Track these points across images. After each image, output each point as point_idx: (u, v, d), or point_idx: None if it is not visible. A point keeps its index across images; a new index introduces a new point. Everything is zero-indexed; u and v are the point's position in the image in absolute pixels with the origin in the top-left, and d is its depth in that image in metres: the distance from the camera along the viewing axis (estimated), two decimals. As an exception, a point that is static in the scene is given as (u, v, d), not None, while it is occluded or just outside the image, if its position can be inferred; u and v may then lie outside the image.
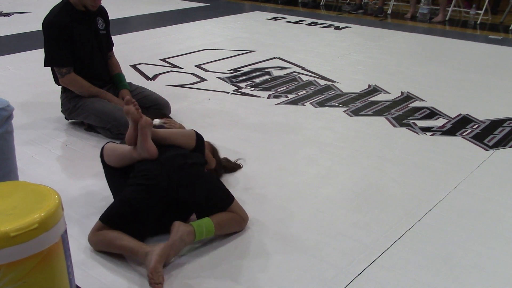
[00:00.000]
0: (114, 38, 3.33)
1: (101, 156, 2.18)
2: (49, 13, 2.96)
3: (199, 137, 2.22)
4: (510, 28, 6.24)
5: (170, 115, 3.24)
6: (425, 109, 3.48)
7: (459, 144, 2.96)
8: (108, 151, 2.16)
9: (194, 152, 2.18)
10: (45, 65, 3.02)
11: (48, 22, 2.92)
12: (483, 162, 2.74)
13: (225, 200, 2.07)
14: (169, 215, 2.00)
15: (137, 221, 1.94)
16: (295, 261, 1.93)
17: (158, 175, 1.98)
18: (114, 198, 2.16)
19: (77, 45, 2.96)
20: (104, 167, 2.20)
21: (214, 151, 2.49)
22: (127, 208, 1.95)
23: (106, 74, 3.18)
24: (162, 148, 2.07)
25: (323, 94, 3.79)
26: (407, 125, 3.22)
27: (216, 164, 2.43)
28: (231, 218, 2.05)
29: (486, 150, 2.89)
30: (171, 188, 1.98)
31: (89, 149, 2.87)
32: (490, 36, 5.86)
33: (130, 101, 2.04)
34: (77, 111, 3.04)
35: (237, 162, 2.64)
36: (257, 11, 7.32)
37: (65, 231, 1.39)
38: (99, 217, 1.99)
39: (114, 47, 3.29)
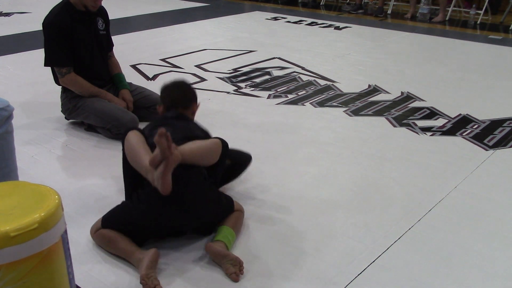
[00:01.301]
0: (114, 38, 3.33)
1: (123, 143, 2.04)
2: (49, 13, 2.96)
3: (224, 151, 2.09)
4: (510, 28, 6.24)
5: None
6: (425, 109, 3.48)
7: (459, 144, 2.96)
8: (130, 147, 1.99)
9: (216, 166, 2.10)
10: (45, 65, 3.02)
11: (48, 22, 2.92)
12: (483, 162, 2.74)
13: (231, 206, 2.10)
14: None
15: (138, 236, 1.96)
16: (295, 261, 1.93)
17: (172, 216, 1.93)
18: (124, 182, 2.10)
19: (77, 45, 2.96)
20: (123, 153, 2.06)
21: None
22: (131, 227, 1.94)
23: (106, 74, 3.18)
24: (180, 175, 1.90)
25: (323, 94, 3.79)
26: (407, 125, 3.22)
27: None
28: (238, 218, 2.09)
29: (486, 150, 2.89)
30: (184, 223, 1.97)
31: (89, 149, 2.87)
32: (490, 36, 5.86)
33: (164, 134, 1.80)
34: (77, 111, 3.04)
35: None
36: (257, 11, 7.32)
37: (65, 231, 1.39)
38: (100, 216, 2.00)
39: (114, 47, 3.30)
